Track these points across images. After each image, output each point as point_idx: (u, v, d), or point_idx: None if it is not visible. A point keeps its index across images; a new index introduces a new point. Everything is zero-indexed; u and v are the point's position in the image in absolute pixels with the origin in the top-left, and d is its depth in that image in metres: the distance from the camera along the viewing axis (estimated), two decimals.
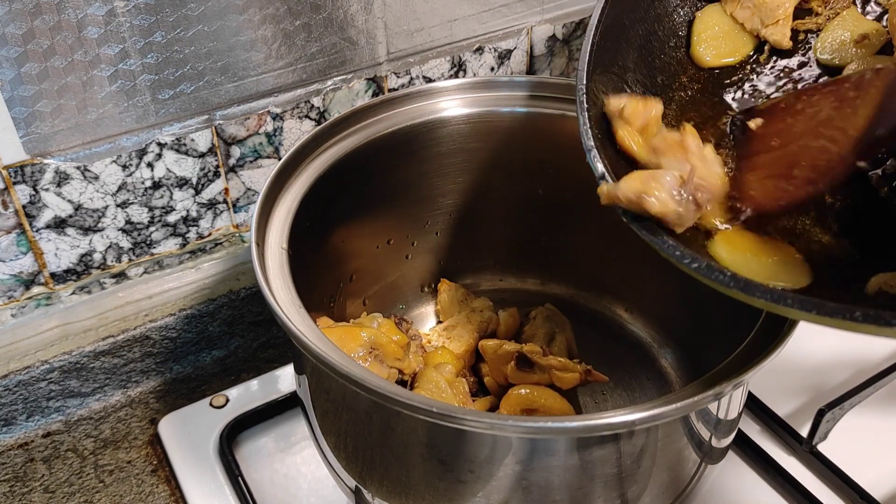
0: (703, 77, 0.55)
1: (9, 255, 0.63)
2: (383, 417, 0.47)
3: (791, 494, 0.63)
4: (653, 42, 0.54)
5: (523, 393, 0.59)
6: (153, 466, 0.68)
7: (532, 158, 0.67)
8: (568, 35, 0.81)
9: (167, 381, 0.74)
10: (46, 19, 0.55)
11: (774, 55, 0.54)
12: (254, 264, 0.50)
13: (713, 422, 0.49)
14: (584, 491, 0.47)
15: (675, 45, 0.55)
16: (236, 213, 0.71)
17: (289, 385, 0.73)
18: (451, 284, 0.72)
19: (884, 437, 0.68)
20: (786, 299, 0.37)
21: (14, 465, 0.68)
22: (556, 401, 0.59)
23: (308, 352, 0.45)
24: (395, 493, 0.51)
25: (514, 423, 0.43)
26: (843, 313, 0.35)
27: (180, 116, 0.64)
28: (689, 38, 0.55)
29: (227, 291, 0.74)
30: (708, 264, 0.40)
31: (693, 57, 0.55)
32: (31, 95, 0.57)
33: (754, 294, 0.39)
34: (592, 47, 0.51)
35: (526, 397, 0.59)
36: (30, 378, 0.67)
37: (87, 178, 0.63)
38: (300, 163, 0.59)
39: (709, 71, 0.55)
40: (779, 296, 0.38)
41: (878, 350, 0.74)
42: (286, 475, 0.65)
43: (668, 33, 0.55)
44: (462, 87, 0.65)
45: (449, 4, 0.71)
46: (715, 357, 0.47)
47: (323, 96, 0.70)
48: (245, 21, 0.62)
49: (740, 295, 0.39)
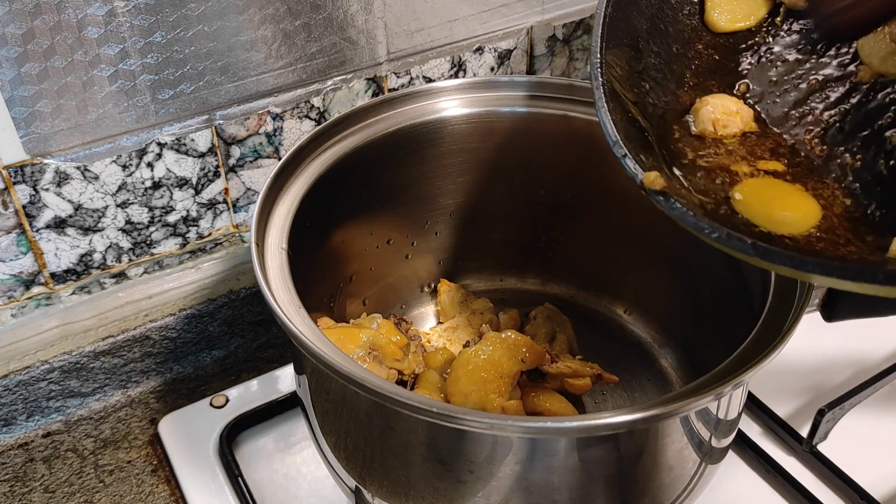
0: (719, 43, 0.54)
1: (9, 255, 0.63)
2: (383, 417, 0.47)
3: (791, 494, 0.63)
4: (665, 10, 0.54)
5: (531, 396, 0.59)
6: (153, 466, 0.68)
7: (532, 158, 0.67)
8: (568, 35, 0.81)
9: (167, 381, 0.74)
10: (46, 19, 0.55)
11: (790, 16, 0.54)
12: (253, 264, 0.50)
13: (713, 422, 0.49)
14: (584, 491, 0.47)
15: (688, 13, 0.54)
16: (236, 213, 0.71)
17: (289, 385, 0.73)
18: (451, 285, 0.72)
19: (884, 437, 0.68)
20: (806, 264, 0.37)
21: (14, 465, 0.68)
22: (563, 406, 0.59)
23: (308, 352, 0.45)
24: (395, 493, 0.51)
25: (514, 423, 0.43)
26: (865, 276, 0.35)
27: (180, 116, 0.64)
28: (702, 4, 0.55)
29: (227, 291, 0.74)
30: (728, 232, 0.40)
31: (707, 23, 0.54)
32: (31, 95, 0.57)
33: (774, 260, 0.38)
34: (605, 20, 0.50)
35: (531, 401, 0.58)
36: (30, 378, 0.67)
37: (87, 178, 0.63)
38: (300, 163, 0.59)
39: (724, 36, 0.54)
40: (799, 261, 0.37)
41: (878, 350, 0.74)
42: (286, 475, 0.65)
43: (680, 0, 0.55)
44: (462, 87, 0.65)
45: (449, 4, 0.71)
46: (715, 357, 0.47)
47: (323, 96, 0.70)
48: (245, 21, 0.62)
49: (761, 262, 0.39)
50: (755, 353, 0.46)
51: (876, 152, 0.46)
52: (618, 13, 0.51)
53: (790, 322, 0.47)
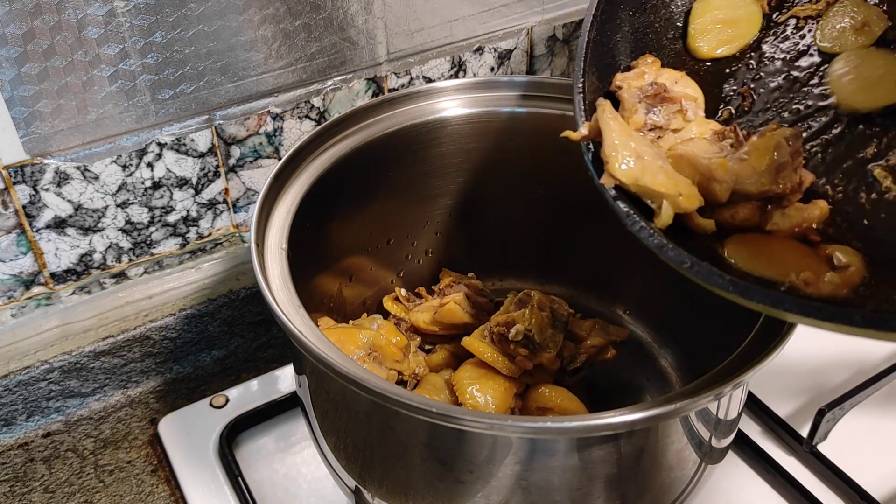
0: (703, 69, 0.54)
1: (9, 255, 0.63)
2: (383, 418, 0.47)
3: (791, 494, 0.63)
4: (649, 34, 0.54)
5: (540, 392, 0.59)
6: (153, 466, 0.68)
7: (532, 158, 0.67)
8: (568, 35, 0.81)
9: (167, 381, 0.74)
10: (46, 19, 0.55)
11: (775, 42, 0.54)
12: (253, 264, 0.50)
13: (713, 422, 0.49)
14: (584, 491, 0.47)
15: (672, 37, 0.55)
16: (236, 213, 0.71)
17: (289, 385, 0.73)
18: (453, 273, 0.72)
19: (884, 437, 0.68)
20: (784, 303, 0.37)
21: (14, 465, 0.68)
22: (572, 402, 0.59)
23: (308, 352, 0.45)
24: (395, 493, 0.51)
25: (513, 423, 0.43)
26: (842, 318, 0.35)
27: (180, 116, 0.64)
28: (685, 29, 0.55)
29: (227, 291, 0.74)
30: (708, 268, 0.40)
31: (690, 49, 0.55)
32: (31, 95, 0.57)
33: (753, 298, 0.39)
34: (588, 44, 0.50)
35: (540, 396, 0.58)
36: (30, 378, 0.67)
37: (87, 178, 0.63)
38: (300, 163, 0.59)
39: (707, 62, 0.55)
40: (777, 300, 0.38)
41: (878, 350, 0.74)
42: (286, 475, 0.65)
43: (665, 25, 0.55)
44: (462, 87, 0.65)
45: (449, 4, 0.71)
46: (715, 357, 0.47)
47: (323, 96, 0.70)
48: (245, 21, 0.62)
49: (739, 299, 0.39)
50: (755, 353, 0.46)
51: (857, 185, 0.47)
52: (601, 37, 0.51)
53: (790, 323, 0.47)
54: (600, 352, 0.64)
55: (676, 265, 0.42)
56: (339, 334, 0.57)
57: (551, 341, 0.60)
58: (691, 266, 0.41)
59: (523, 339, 0.58)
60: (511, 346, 0.58)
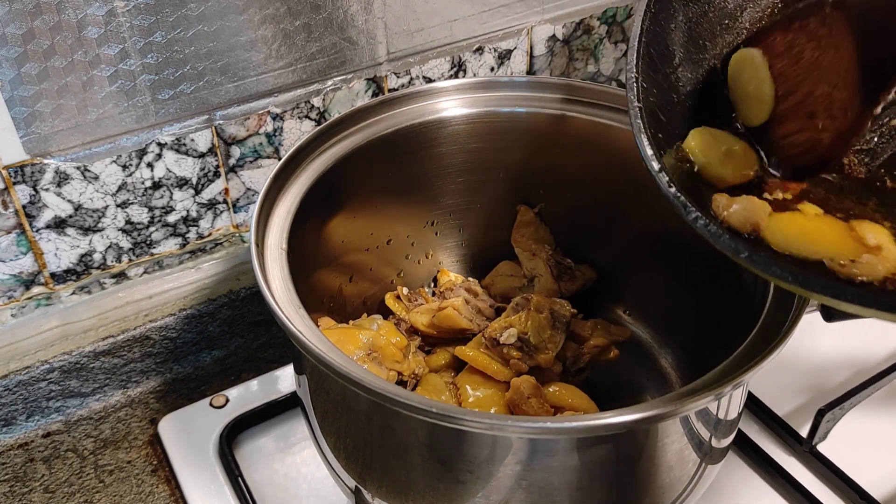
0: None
1: (9, 255, 0.63)
2: (383, 418, 0.47)
3: (791, 494, 0.63)
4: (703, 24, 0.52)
5: (552, 391, 0.59)
6: (153, 466, 0.68)
7: (532, 159, 0.67)
8: (568, 35, 0.81)
9: (167, 381, 0.74)
10: (46, 19, 0.55)
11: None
12: (253, 264, 0.50)
13: (713, 422, 0.49)
14: (584, 491, 0.47)
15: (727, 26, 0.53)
16: (236, 213, 0.71)
17: (289, 385, 0.73)
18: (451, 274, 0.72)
19: (884, 437, 0.68)
20: (846, 294, 0.37)
21: (14, 465, 0.68)
22: (584, 401, 0.59)
23: (308, 352, 0.45)
24: (395, 493, 0.51)
25: (513, 423, 0.43)
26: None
27: (180, 116, 0.64)
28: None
29: (227, 291, 0.74)
30: (766, 258, 0.39)
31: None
32: (31, 95, 0.57)
33: (814, 289, 0.38)
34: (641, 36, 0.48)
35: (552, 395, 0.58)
36: (30, 378, 0.67)
37: (87, 178, 0.63)
38: (300, 163, 0.59)
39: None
40: (839, 290, 0.37)
41: (878, 350, 0.74)
42: (286, 475, 0.65)
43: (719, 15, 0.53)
44: (462, 88, 0.65)
45: (449, 4, 0.71)
46: (715, 357, 0.47)
47: (323, 96, 0.70)
48: (245, 21, 0.62)
49: (799, 290, 0.38)
50: (755, 353, 0.46)
51: None
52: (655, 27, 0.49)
53: (790, 322, 0.47)
54: (603, 352, 0.64)
55: (733, 254, 0.40)
56: (339, 334, 0.57)
57: (550, 342, 0.60)
58: (749, 256, 0.40)
59: (517, 342, 0.58)
60: (504, 349, 0.58)
